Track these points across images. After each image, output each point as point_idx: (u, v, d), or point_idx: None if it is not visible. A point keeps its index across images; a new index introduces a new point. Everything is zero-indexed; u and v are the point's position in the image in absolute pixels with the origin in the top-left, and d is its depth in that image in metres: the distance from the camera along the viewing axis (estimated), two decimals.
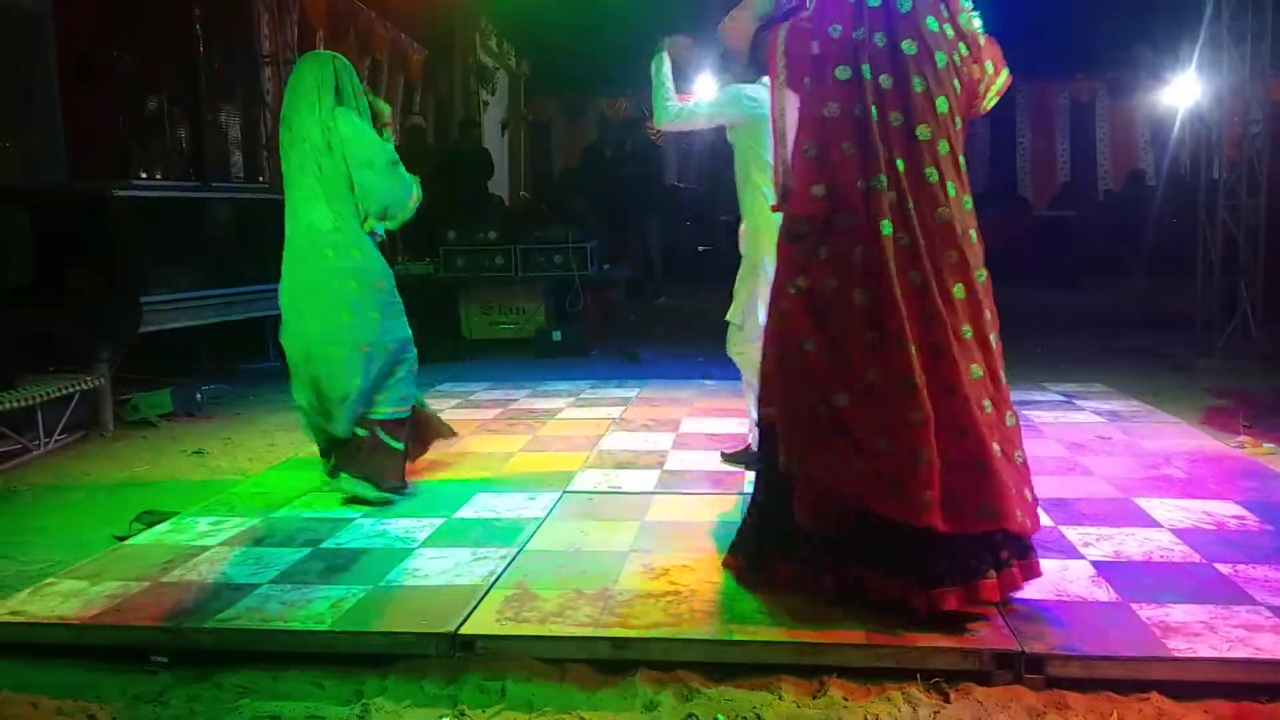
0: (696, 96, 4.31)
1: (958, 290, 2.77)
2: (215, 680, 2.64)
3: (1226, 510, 3.65)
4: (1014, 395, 5.93)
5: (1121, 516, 3.62)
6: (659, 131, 4.50)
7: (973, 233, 2.85)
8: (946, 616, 2.68)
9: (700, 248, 12.89)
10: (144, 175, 6.43)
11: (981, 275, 2.84)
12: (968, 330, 2.77)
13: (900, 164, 2.75)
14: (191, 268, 6.50)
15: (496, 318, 8.56)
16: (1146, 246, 9.71)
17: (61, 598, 3.04)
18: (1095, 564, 3.15)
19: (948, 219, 2.77)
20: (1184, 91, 9.35)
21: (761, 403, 3.01)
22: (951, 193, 2.79)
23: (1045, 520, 3.57)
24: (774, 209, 3.00)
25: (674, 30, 4.34)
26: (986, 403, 2.76)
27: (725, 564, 3.14)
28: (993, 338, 2.85)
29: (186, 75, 6.79)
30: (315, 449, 4.24)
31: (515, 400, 6.19)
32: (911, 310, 2.71)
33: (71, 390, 5.29)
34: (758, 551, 3.03)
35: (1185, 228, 8.64)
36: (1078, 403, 5.70)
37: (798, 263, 2.85)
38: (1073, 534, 3.43)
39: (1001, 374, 2.85)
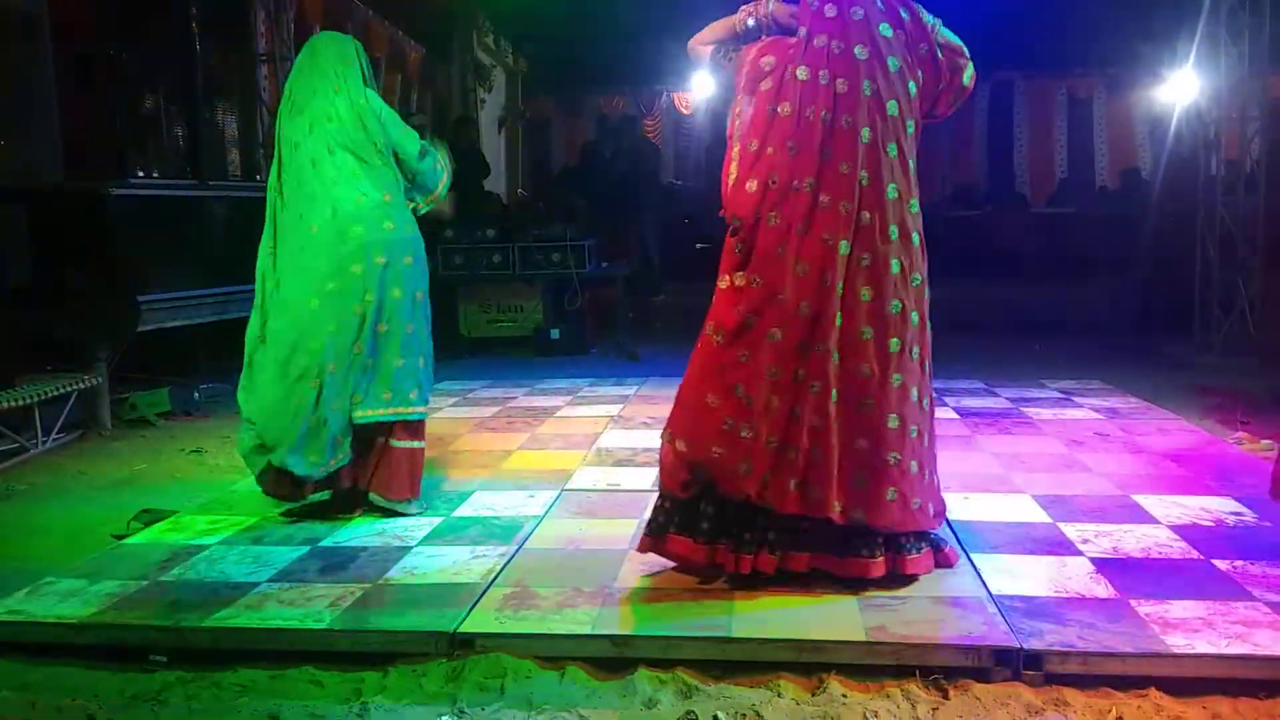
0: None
1: (864, 294, 2.86)
2: (214, 679, 2.64)
3: (1225, 506, 3.65)
4: (1012, 392, 5.97)
5: (1120, 513, 3.62)
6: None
7: (915, 235, 2.94)
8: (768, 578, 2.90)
9: (698, 245, 12.88)
10: (141, 174, 6.42)
11: (916, 279, 2.94)
12: (867, 332, 2.86)
13: (844, 167, 2.83)
14: (189, 266, 6.48)
15: (495, 316, 8.56)
16: (1144, 244, 9.71)
17: (60, 597, 3.03)
18: (1094, 560, 3.15)
19: (884, 222, 2.86)
20: (1182, 88, 9.34)
21: None
22: (892, 195, 2.87)
23: (1041, 517, 3.58)
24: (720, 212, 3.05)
25: (669, 28, 4.36)
26: (870, 401, 2.87)
27: (639, 547, 3.12)
28: (913, 348, 2.93)
29: (183, 74, 6.78)
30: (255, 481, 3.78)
31: (514, 398, 6.19)
32: (829, 309, 2.83)
33: (69, 389, 5.28)
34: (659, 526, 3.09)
35: (1183, 225, 8.63)
36: (1076, 399, 5.71)
37: (730, 259, 2.95)
38: (1071, 531, 3.44)
39: (895, 377, 2.90)
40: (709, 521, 2.95)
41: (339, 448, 3.63)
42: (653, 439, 4.88)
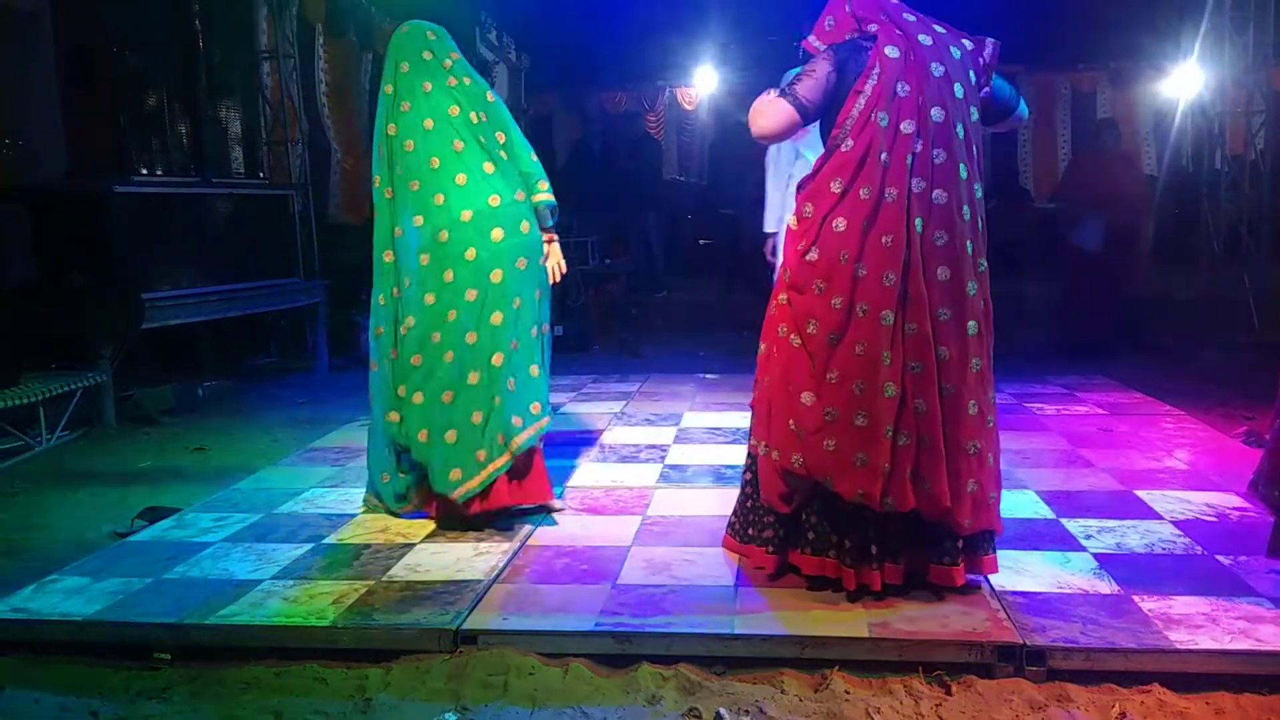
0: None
1: (942, 274, 2.79)
2: (218, 676, 2.65)
3: (1228, 502, 3.65)
4: (1016, 387, 5.96)
5: (1123, 508, 3.62)
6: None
7: (980, 220, 2.88)
8: (878, 592, 2.83)
9: (701, 241, 12.86)
10: (144, 171, 6.41)
11: (982, 264, 2.88)
12: (945, 313, 2.79)
13: (918, 145, 2.77)
14: (192, 264, 6.49)
15: None
16: (1147, 238, 9.69)
17: (64, 594, 3.04)
18: (1097, 556, 3.15)
19: (958, 201, 2.81)
20: (1186, 82, 9.32)
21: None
22: (964, 175, 2.82)
23: (1045, 513, 3.58)
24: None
25: (672, 24, 4.40)
26: (951, 386, 2.79)
27: (723, 544, 3.28)
28: (984, 334, 2.88)
29: (186, 71, 6.78)
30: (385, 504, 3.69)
31: None
32: (912, 287, 2.77)
33: (73, 387, 5.29)
34: (742, 529, 3.17)
35: (1187, 218, 8.62)
36: (1079, 395, 5.70)
37: (797, 242, 2.89)
38: (1074, 526, 3.43)
39: (974, 361, 2.85)
40: (814, 532, 2.90)
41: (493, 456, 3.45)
42: (655, 435, 4.90)
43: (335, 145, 9.74)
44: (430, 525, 3.61)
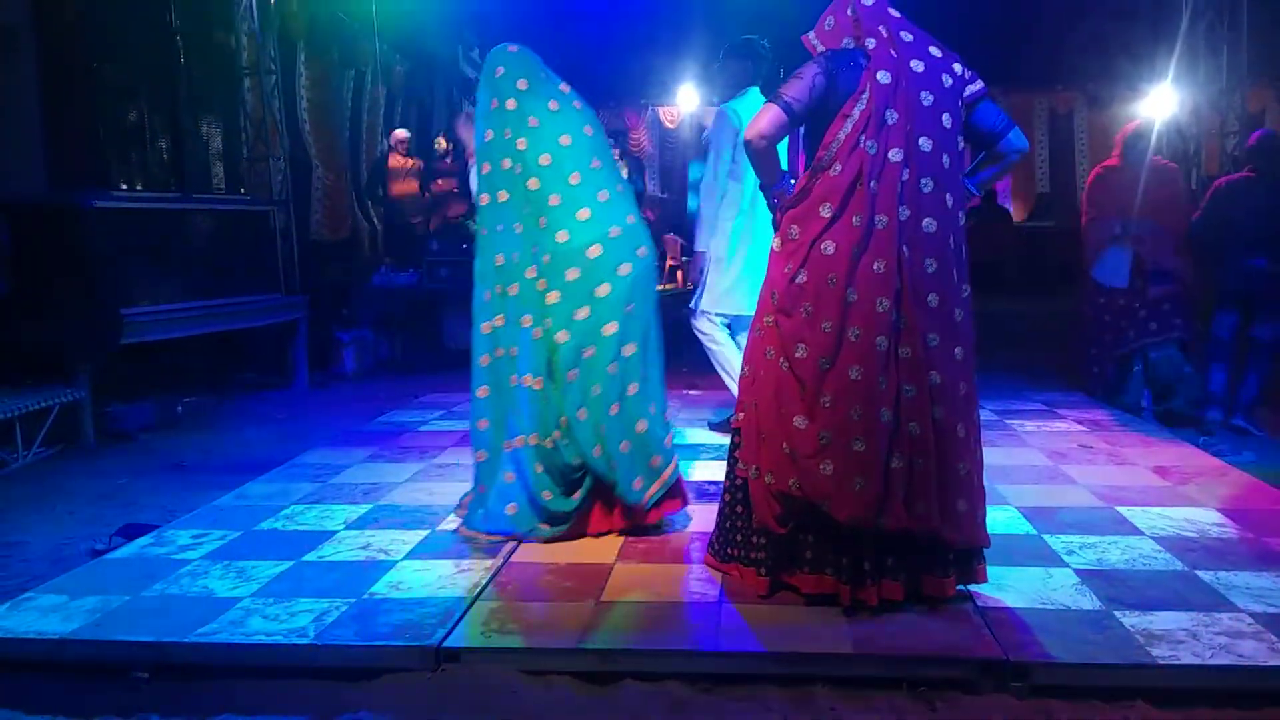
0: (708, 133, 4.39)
1: (931, 300, 2.82)
2: (196, 695, 2.62)
3: (1208, 518, 3.67)
4: (997, 404, 5.99)
5: (1104, 524, 3.64)
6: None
7: (963, 246, 2.91)
8: (874, 607, 2.83)
9: (684, 257, 12.90)
10: (124, 186, 6.39)
11: (966, 289, 2.91)
12: (934, 338, 2.82)
13: (905, 173, 2.80)
14: (172, 279, 6.45)
15: None
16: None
17: (41, 612, 3.00)
18: (1079, 572, 3.16)
19: (945, 228, 2.84)
20: (1161, 103, 9.43)
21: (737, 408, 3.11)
22: (949, 203, 2.84)
23: (1026, 529, 3.60)
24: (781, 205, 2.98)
25: (656, 44, 4.44)
26: (941, 409, 2.82)
27: (704, 561, 3.26)
28: (970, 357, 2.91)
29: (167, 86, 6.76)
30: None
31: None
32: (903, 313, 2.79)
33: (50, 403, 5.24)
34: (722, 549, 3.17)
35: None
36: (1060, 411, 5.73)
37: (783, 267, 2.90)
38: (1056, 542, 3.45)
39: (960, 385, 2.88)
40: (812, 551, 2.90)
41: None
42: None
43: (316, 162, 9.74)
44: (412, 542, 3.59)
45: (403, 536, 3.66)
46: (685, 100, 14.11)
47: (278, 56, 8.50)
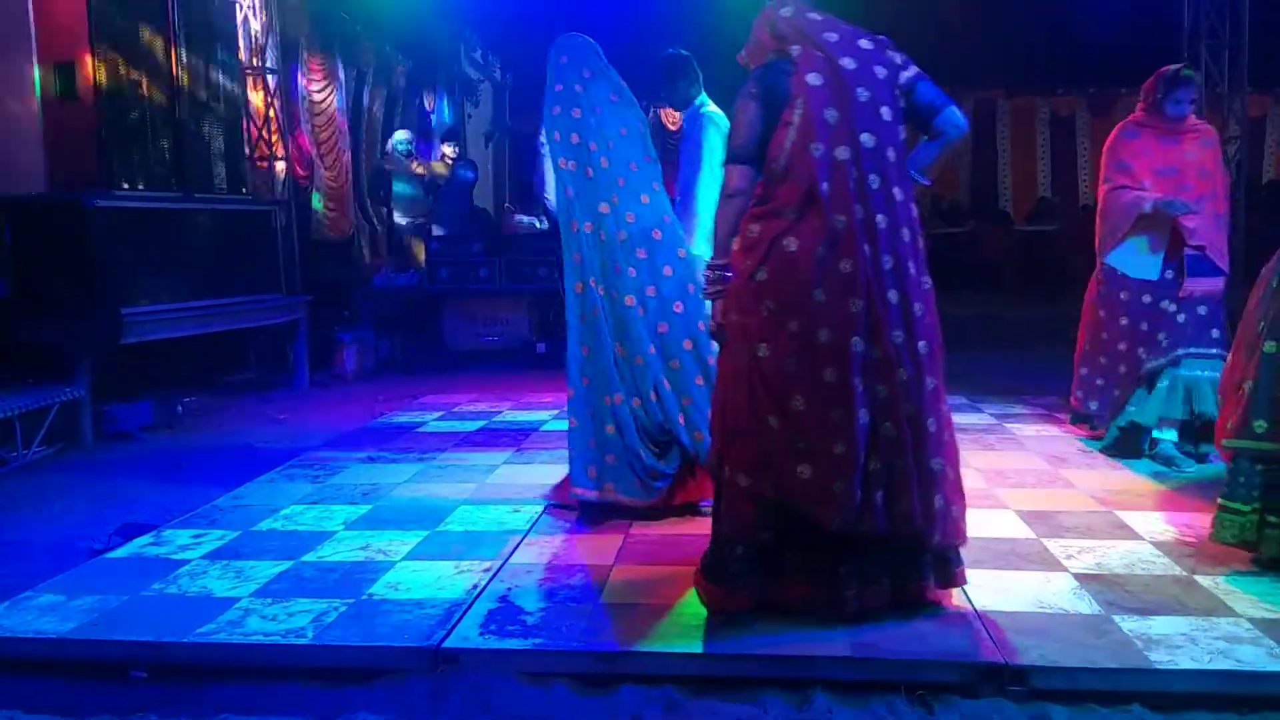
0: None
1: (892, 297, 2.79)
2: (195, 695, 2.62)
3: (1207, 522, 3.66)
4: (996, 408, 5.99)
5: (1103, 529, 3.64)
6: None
7: (919, 239, 2.88)
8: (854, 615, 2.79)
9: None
10: (125, 185, 6.37)
11: (926, 282, 2.87)
12: (899, 335, 2.79)
13: (854, 170, 2.77)
14: (173, 279, 6.45)
15: (481, 329, 8.56)
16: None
17: (39, 611, 3.00)
18: (1077, 576, 3.16)
19: (895, 224, 2.81)
20: None
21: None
22: (899, 197, 2.82)
23: (1025, 532, 3.60)
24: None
25: (655, 44, 4.40)
26: (913, 406, 2.79)
27: (694, 581, 3.06)
28: (935, 352, 2.86)
29: (169, 85, 6.75)
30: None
31: (499, 412, 6.18)
32: (872, 311, 2.76)
33: (50, 402, 5.24)
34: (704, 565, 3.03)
35: None
36: (1059, 416, 5.73)
37: (748, 258, 2.85)
38: (1055, 546, 3.45)
39: (928, 380, 2.84)
40: (791, 558, 2.85)
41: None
42: None
43: (318, 162, 9.73)
44: (411, 543, 3.60)
45: (402, 537, 3.67)
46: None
47: (280, 56, 8.51)
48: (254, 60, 8.31)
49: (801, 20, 2.89)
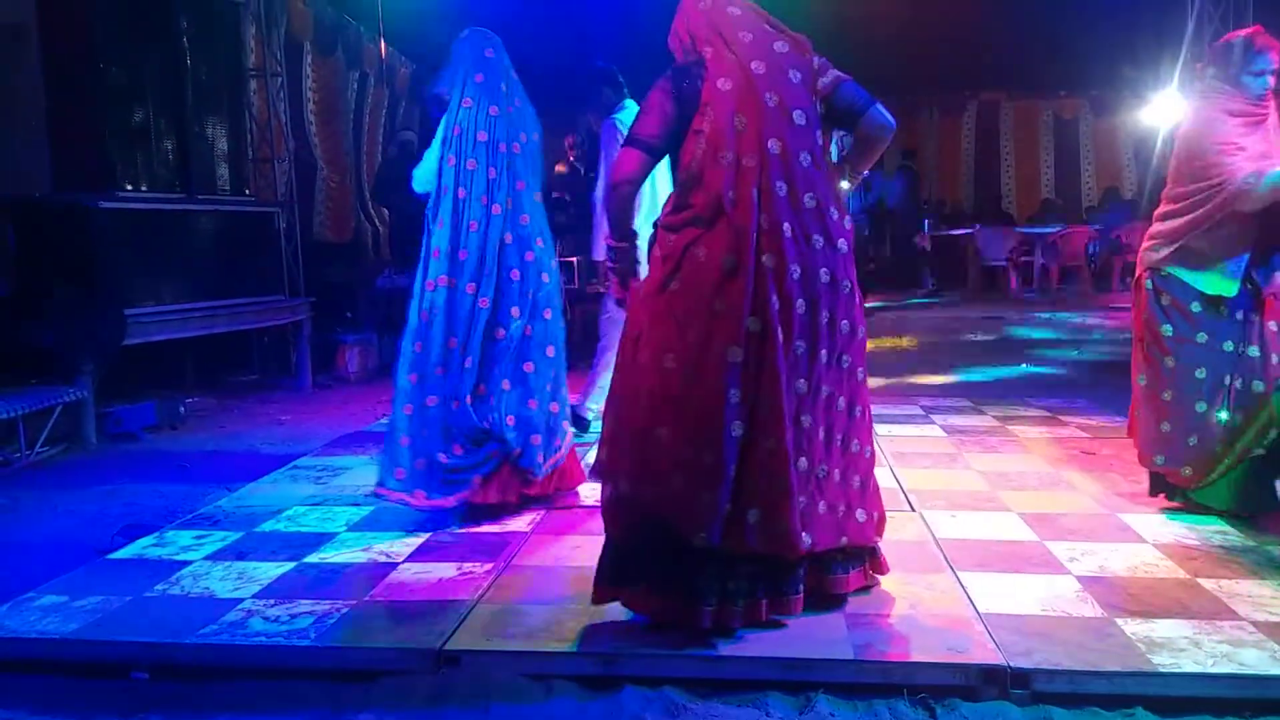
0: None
1: (799, 308, 2.72)
2: (197, 696, 2.62)
3: (1210, 525, 3.66)
4: (999, 410, 5.99)
5: (1106, 532, 3.63)
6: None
7: (841, 242, 2.81)
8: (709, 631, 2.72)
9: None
10: (129, 187, 6.39)
11: (846, 285, 2.81)
12: (800, 345, 2.73)
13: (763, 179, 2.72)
14: (176, 280, 6.46)
15: None
16: (1126, 262, 9.77)
17: (42, 612, 3.01)
18: (1080, 579, 3.16)
19: (805, 230, 2.75)
20: (1166, 110, 9.43)
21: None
22: (810, 204, 2.76)
23: (1028, 535, 3.59)
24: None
25: (654, 49, 4.40)
26: (806, 418, 2.75)
27: (594, 599, 2.88)
28: (842, 357, 2.83)
29: (173, 87, 6.77)
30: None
31: None
32: (771, 325, 2.69)
33: (53, 403, 5.25)
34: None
35: None
36: (1062, 418, 5.73)
37: (659, 271, 2.80)
38: (1058, 549, 3.44)
39: (824, 388, 2.80)
40: (654, 568, 2.76)
41: None
42: None
43: (321, 163, 9.75)
44: (413, 545, 3.60)
45: (404, 539, 3.67)
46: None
47: (283, 58, 8.52)
48: (259, 62, 8.33)
49: (718, 16, 2.82)
